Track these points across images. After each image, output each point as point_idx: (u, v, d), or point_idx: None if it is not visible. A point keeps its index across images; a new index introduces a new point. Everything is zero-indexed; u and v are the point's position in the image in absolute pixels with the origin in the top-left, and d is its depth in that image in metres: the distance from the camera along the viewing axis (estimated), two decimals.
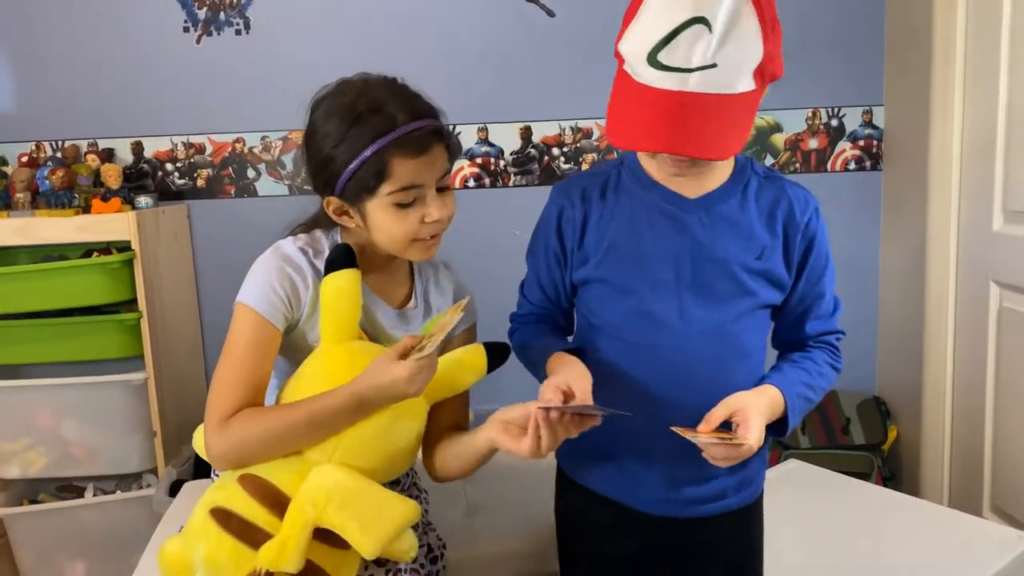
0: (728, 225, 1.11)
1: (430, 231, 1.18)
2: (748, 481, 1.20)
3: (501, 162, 2.49)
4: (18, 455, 2.22)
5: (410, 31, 2.42)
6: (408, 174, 1.14)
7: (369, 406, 1.12)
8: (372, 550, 1.06)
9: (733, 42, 0.94)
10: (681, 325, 1.11)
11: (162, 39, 2.40)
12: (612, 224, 1.15)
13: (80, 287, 2.11)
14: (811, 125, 2.50)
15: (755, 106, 1.00)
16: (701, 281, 1.11)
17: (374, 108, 1.14)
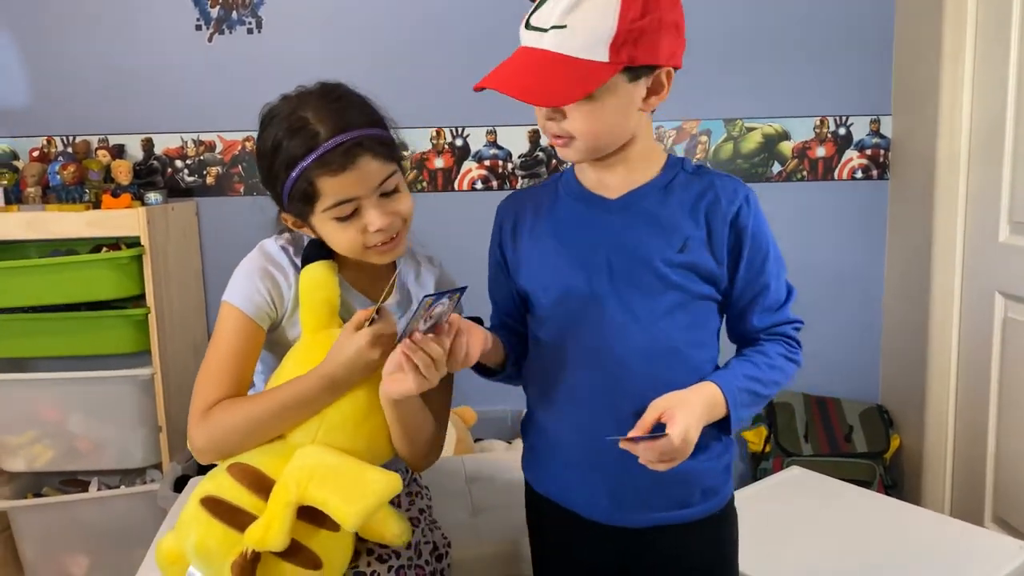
0: (647, 220, 1.12)
1: (378, 238, 1.19)
2: (712, 490, 1.17)
3: (509, 165, 2.50)
4: (24, 448, 2.23)
5: (420, 32, 2.43)
6: (336, 191, 1.15)
7: (341, 385, 1.15)
8: (354, 521, 1.06)
9: (584, 10, 0.99)
10: (610, 327, 1.11)
11: (174, 37, 2.41)
12: (542, 236, 1.18)
13: (89, 282, 2.13)
14: (819, 133, 2.50)
15: (597, 79, 1.00)
16: (625, 279, 1.11)
17: (297, 128, 1.15)
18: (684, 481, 1.14)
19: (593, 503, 1.17)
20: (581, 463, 1.16)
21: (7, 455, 2.24)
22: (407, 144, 2.45)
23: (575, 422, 1.15)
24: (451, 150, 2.49)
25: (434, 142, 2.49)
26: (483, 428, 2.47)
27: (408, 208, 1.22)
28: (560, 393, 1.16)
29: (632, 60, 1.01)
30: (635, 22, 0.99)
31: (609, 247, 1.12)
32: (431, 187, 2.50)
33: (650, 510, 1.15)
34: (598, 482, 1.15)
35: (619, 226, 1.12)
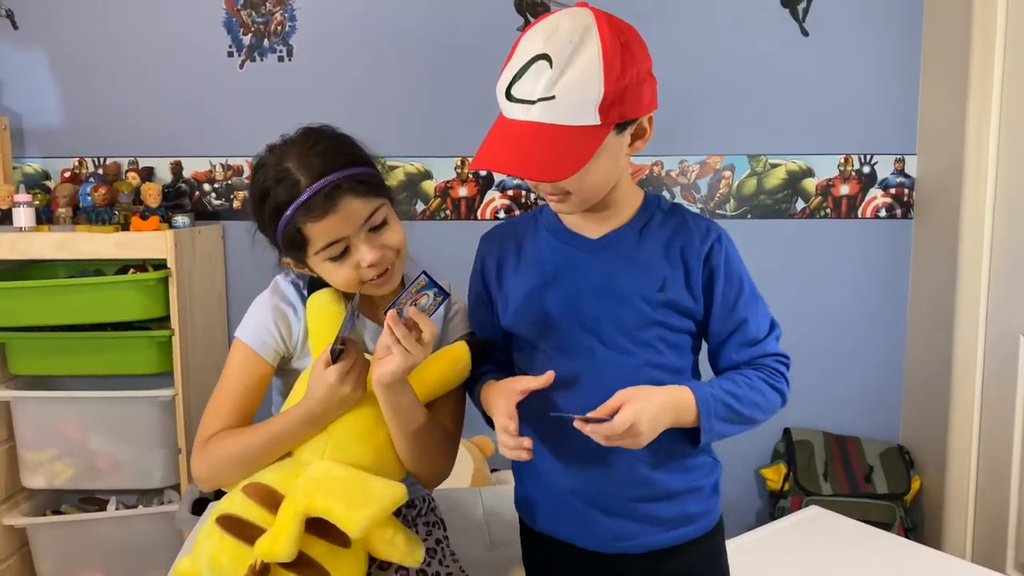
0: (626, 261, 1.14)
1: (371, 273, 1.21)
2: (697, 515, 1.19)
3: (532, 195, 2.52)
4: (44, 465, 2.25)
5: (446, 65, 2.47)
6: (323, 234, 1.18)
7: (320, 419, 1.18)
8: (358, 527, 1.08)
9: (569, 77, 1.01)
10: (593, 362, 1.14)
11: (206, 63, 2.46)
12: (523, 274, 1.20)
13: (115, 302, 2.15)
14: (843, 171, 2.50)
15: (594, 142, 1.03)
16: (607, 317, 1.14)
17: (280, 179, 1.18)
18: (672, 501, 1.16)
19: (588, 533, 1.18)
20: (573, 495, 1.18)
21: (28, 472, 2.26)
22: (432, 173, 2.50)
23: (563, 456, 1.17)
24: (475, 179, 2.51)
25: (459, 171, 2.51)
26: (500, 458, 2.45)
27: (398, 240, 1.24)
28: (546, 429, 1.17)
29: (622, 117, 1.04)
30: (618, 81, 1.02)
31: (591, 286, 1.15)
32: (454, 215, 2.52)
33: (643, 535, 1.17)
34: (590, 512, 1.17)
35: (599, 265, 1.15)
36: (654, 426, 1.06)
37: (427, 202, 2.52)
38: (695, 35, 2.40)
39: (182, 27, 2.45)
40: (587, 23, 1.03)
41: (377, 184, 1.24)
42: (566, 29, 1.02)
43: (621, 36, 1.03)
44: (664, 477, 1.16)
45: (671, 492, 1.16)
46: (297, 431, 1.19)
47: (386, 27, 2.46)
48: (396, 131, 2.48)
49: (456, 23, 2.45)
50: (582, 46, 1.01)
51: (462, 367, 1.25)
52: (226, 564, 1.09)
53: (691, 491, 1.18)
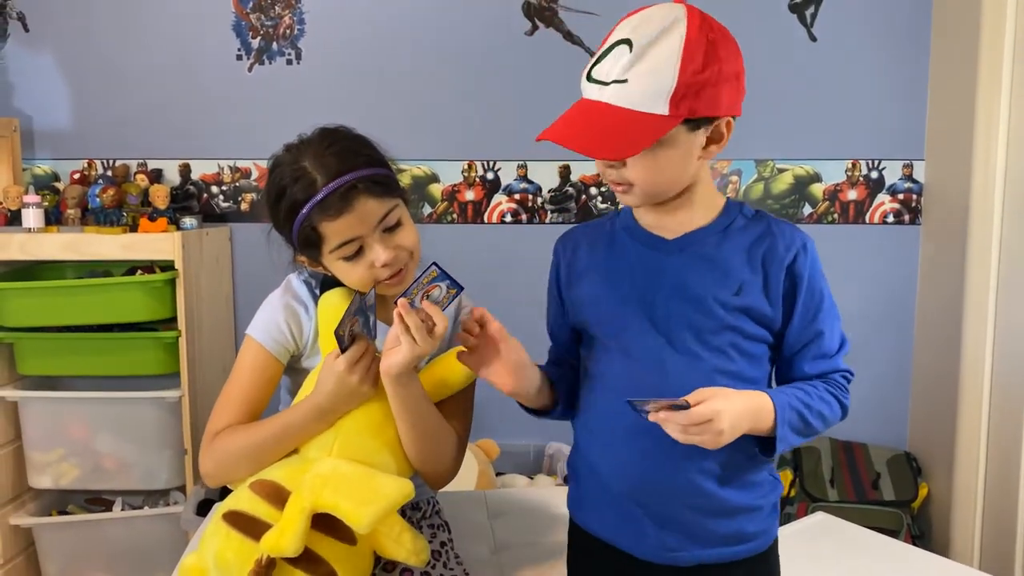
0: (703, 262, 1.12)
1: (385, 273, 1.23)
2: (758, 531, 1.16)
3: (539, 199, 2.52)
4: (51, 466, 2.26)
5: (454, 69, 2.47)
6: (338, 233, 1.19)
7: (328, 413, 1.19)
8: (365, 522, 1.08)
9: (646, 64, 1.01)
10: (663, 365, 1.12)
11: (215, 65, 2.47)
12: (599, 274, 1.18)
13: (122, 303, 2.16)
14: (850, 176, 2.50)
15: (657, 132, 1.02)
16: (679, 319, 1.11)
17: (296, 178, 1.20)
18: (730, 518, 1.13)
19: (639, 540, 1.16)
20: (629, 500, 1.15)
21: (35, 472, 2.27)
22: (439, 176, 2.50)
23: (624, 459, 1.14)
24: (482, 183, 2.52)
25: (465, 175, 2.51)
26: (505, 462, 2.46)
27: (412, 241, 1.26)
28: (610, 430, 1.15)
29: (692, 112, 1.02)
30: (696, 75, 1.01)
31: (665, 287, 1.12)
32: (461, 219, 2.52)
33: (696, 547, 1.14)
34: (644, 519, 1.15)
35: (675, 266, 1.13)
36: (734, 426, 1.03)
37: (434, 205, 2.52)
38: None
39: (191, 30, 2.46)
40: (677, 15, 1.02)
41: (392, 185, 1.25)
42: (655, 18, 1.03)
43: (710, 34, 1.02)
44: (726, 492, 1.12)
45: (730, 508, 1.12)
46: (305, 426, 1.20)
47: (394, 30, 2.46)
48: (403, 134, 2.47)
49: (464, 27, 2.46)
50: (665, 35, 1.01)
51: (469, 370, 1.24)
52: (232, 559, 1.10)
53: (750, 509, 1.15)
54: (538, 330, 1.36)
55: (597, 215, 2.50)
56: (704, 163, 1.11)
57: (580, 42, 2.43)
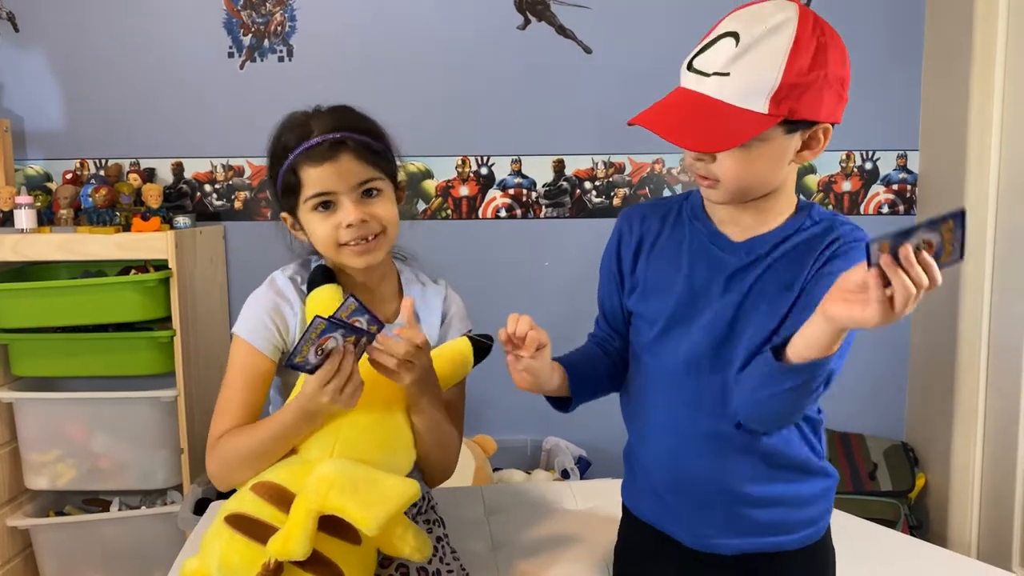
0: (766, 268, 1.11)
1: (349, 235, 1.25)
2: (811, 519, 1.18)
3: (533, 194, 2.51)
4: (48, 466, 2.25)
5: (447, 64, 2.46)
6: (317, 181, 1.25)
7: (314, 415, 1.18)
8: (373, 525, 1.08)
9: (750, 59, 0.99)
10: (712, 363, 1.12)
11: (207, 63, 2.46)
12: (659, 257, 1.18)
13: (116, 303, 2.15)
14: (845, 168, 2.50)
15: (754, 130, 0.99)
16: (733, 321, 1.11)
17: (295, 125, 1.29)
18: (771, 508, 1.15)
19: (686, 527, 1.18)
20: (673, 488, 1.17)
21: (31, 473, 2.26)
22: (433, 172, 2.49)
23: (669, 448, 1.16)
24: (476, 178, 2.51)
25: (459, 170, 2.51)
26: (502, 458, 2.46)
27: (387, 214, 1.28)
28: (653, 418, 1.18)
29: (792, 114, 1.00)
30: (800, 76, 0.99)
31: (723, 287, 1.12)
32: (456, 214, 2.52)
33: (745, 536, 1.15)
34: (689, 507, 1.16)
35: (736, 268, 1.12)
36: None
37: (428, 201, 2.51)
38: (691, 27, 2.38)
39: (183, 28, 2.45)
40: (789, 15, 1.00)
41: (383, 158, 1.29)
42: (766, 14, 1.00)
43: (820, 36, 1.01)
44: (765, 484, 1.13)
45: (770, 499, 1.14)
46: (296, 427, 1.19)
47: (386, 26, 2.45)
48: (397, 130, 2.42)
49: (456, 21, 2.45)
50: (774, 32, 0.99)
51: (464, 362, 1.27)
52: (237, 563, 1.09)
53: (794, 501, 1.16)
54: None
55: (591, 210, 2.50)
56: (794, 168, 1.09)
57: (573, 36, 2.43)
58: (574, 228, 2.51)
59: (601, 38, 2.43)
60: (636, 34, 2.41)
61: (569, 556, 1.46)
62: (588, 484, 1.91)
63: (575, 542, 1.51)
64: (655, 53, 2.39)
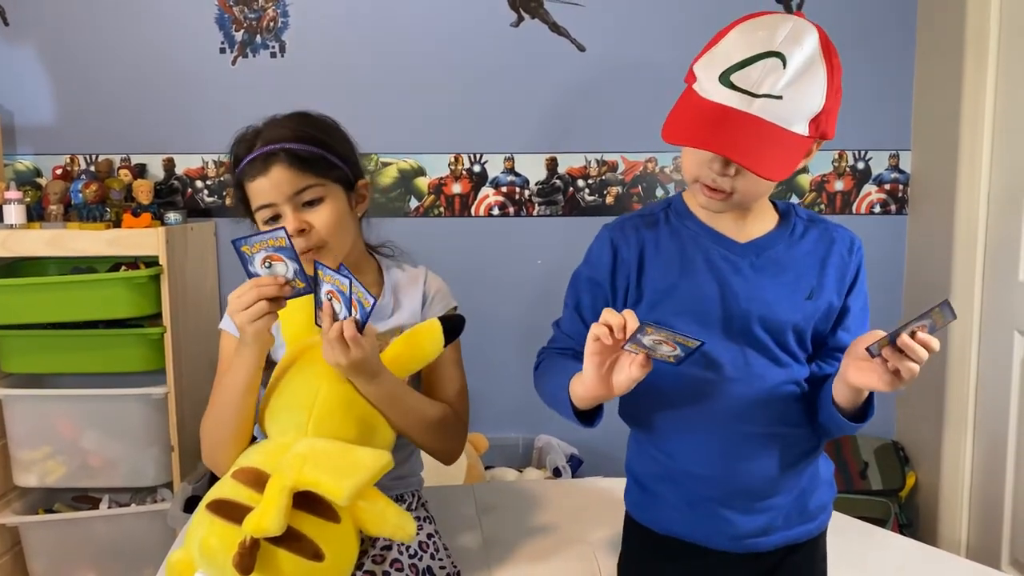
0: (778, 268, 1.15)
1: (299, 245, 1.26)
2: (811, 514, 1.20)
3: (526, 192, 2.51)
4: (38, 463, 2.24)
5: (440, 61, 2.46)
6: (257, 195, 1.29)
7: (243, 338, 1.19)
8: (345, 494, 1.09)
9: (802, 83, 1.02)
10: (729, 371, 1.14)
11: (199, 59, 2.44)
12: (663, 267, 1.18)
13: (107, 300, 2.14)
14: (837, 167, 2.50)
15: (801, 153, 1.05)
16: (751, 325, 1.14)
17: (241, 141, 1.33)
18: (803, 496, 1.19)
19: (724, 532, 1.17)
20: (711, 496, 1.17)
21: (20, 471, 2.25)
22: (425, 169, 2.49)
23: (692, 456, 1.16)
24: (469, 176, 2.51)
25: (452, 168, 2.50)
26: (494, 456, 2.46)
27: (322, 221, 1.29)
28: (686, 428, 1.17)
29: (823, 135, 1.06)
30: (832, 98, 1.05)
31: (737, 291, 1.14)
32: (448, 212, 2.51)
33: (780, 530, 1.18)
34: (732, 512, 1.17)
35: (749, 271, 1.15)
36: None
37: (421, 199, 2.51)
38: (684, 24, 2.38)
39: (174, 23, 2.44)
40: (819, 37, 1.05)
41: (318, 164, 1.30)
42: (801, 37, 1.03)
43: (834, 58, 1.06)
44: (810, 464, 1.19)
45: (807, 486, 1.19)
46: (233, 369, 1.23)
47: (379, 23, 2.44)
48: (389, 127, 2.47)
49: (449, 19, 2.45)
50: (817, 58, 1.03)
51: (434, 339, 1.27)
52: (216, 545, 1.09)
53: (819, 483, 1.21)
54: (524, 323, 1.35)
55: (584, 208, 2.50)
56: None
57: (566, 33, 2.42)
58: (567, 226, 2.51)
59: (594, 36, 2.42)
60: (629, 32, 2.41)
61: (561, 553, 1.46)
62: (580, 482, 1.91)
63: (567, 540, 1.51)
64: (648, 51, 2.40)
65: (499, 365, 2.23)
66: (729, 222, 1.16)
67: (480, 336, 1.16)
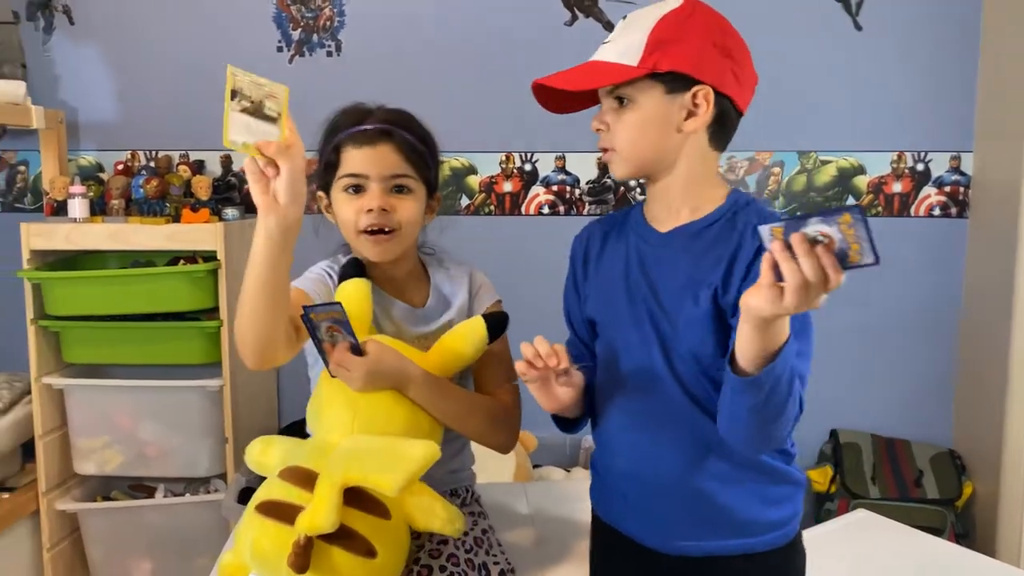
0: (684, 257, 1.13)
1: (369, 220, 1.30)
2: (775, 523, 1.15)
3: (576, 191, 2.51)
4: (96, 452, 2.29)
5: (493, 59, 2.46)
6: (352, 163, 1.32)
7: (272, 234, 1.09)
8: (394, 486, 1.09)
9: (629, 26, 1.12)
10: (648, 356, 1.14)
11: (256, 58, 2.48)
12: (602, 266, 1.23)
13: (165, 293, 2.18)
14: (895, 169, 2.45)
15: (625, 76, 1.10)
16: (658, 314, 1.13)
17: (352, 111, 1.38)
18: (746, 507, 1.13)
19: (651, 530, 1.17)
20: (636, 490, 1.17)
21: (80, 458, 2.31)
22: (476, 168, 2.49)
23: (628, 450, 1.17)
24: (520, 175, 2.51)
25: (503, 166, 2.50)
26: (542, 455, 2.46)
27: (407, 214, 1.33)
28: (613, 422, 1.20)
29: (657, 65, 1.08)
30: (664, 32, 1.09)
31: (646, 282, 1.15)
32: (499, 211, 2.52)
33: (707, 538, 1.14)
34: (653, 508, 1.16)
35: (658, 262, 1.16)
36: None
37: (472, 197, 2.52)
38: (743, 28, 2.35)
39: (233, 21, 2.48)
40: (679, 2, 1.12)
41: (420, 159, 1.35)
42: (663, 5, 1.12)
43: (698, 8, 1.11)
44: (731, 487, 1.13)
45: (734, 502, 1.13)
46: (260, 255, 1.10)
47: (433, 22, 2.46)
48: (441, 125, 2.42)
49: (504, 17, 2.45)
50: (655, 7, 1.12)
51: (478, 340, 1.29)
52: (269, 547, 1.09)
53: (766, 501, 1.15)
54: None
55: None
56: (690, 142, 1.13)
57: None
58: None
59: None
60: None
61: None
62: None
63: None
64: None
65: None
66: (662, 211, 1.18)
67: (529, 335, 1.16)
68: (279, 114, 1.08)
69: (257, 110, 1.08)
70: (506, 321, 1.33)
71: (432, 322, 1.40)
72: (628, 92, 1.11)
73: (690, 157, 1.14)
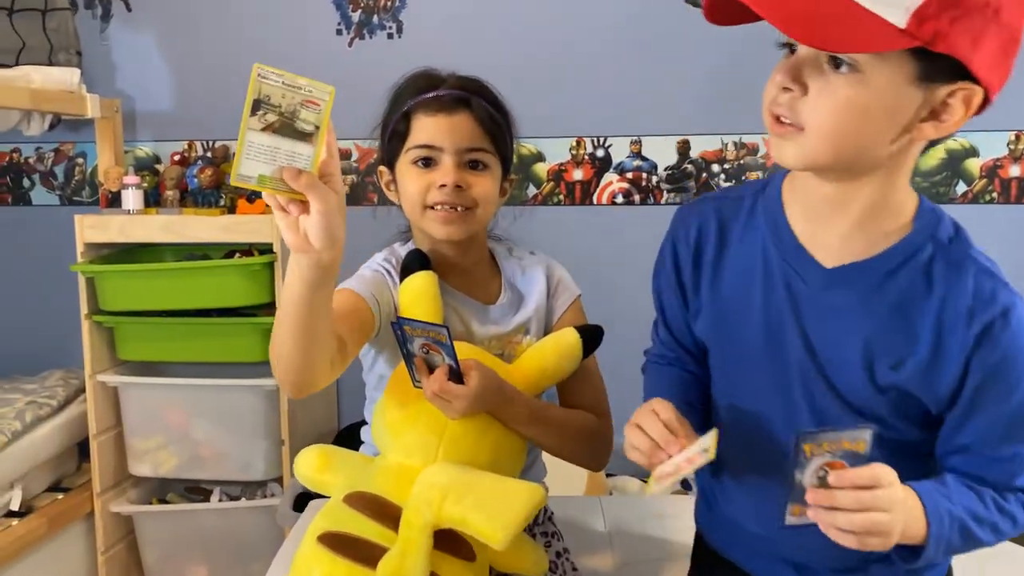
0: (860, 312, 0.87)
1: (439, 196, 1.17)
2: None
3: (654, 178, 2.33)
4: (150, 453, 2.22)
5: (562, 36, 2.30)
6: (426, 132, 1.19)
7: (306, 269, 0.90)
8: (503, 536, 0.94)
9: None
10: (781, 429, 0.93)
11: (315, 41, 2.37)
12: (723, 277, 0.97)
13: (220, 287, 2.09)
14: (1013, 150, 2.21)
15: (889, 44, 0.75)
16: (815, 379, 0.90)
17: (424, 75, 1.24)
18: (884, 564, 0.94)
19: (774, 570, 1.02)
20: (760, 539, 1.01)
21: (135, 460, 2.23)
22: (544, 155, 2.35)
23: (763, 521, 0.98)
24: (591, 161, 2.35)
25: (573, 152, 2.35)
26: (614, 462, 2.27)
27: (482, 191, 1.20)
28: (743, 492, 1.01)
29: (935, 40, 0.75)
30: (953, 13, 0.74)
31: (806, 333, 0.90)
32: (568, 200, 2.36)
33: None
34: (779, 560, 1.01)
35: (823, 309, 0.89)
36: (897, 520, 0.80)
37: (539, 186, 2.36)
38: None
39: (291, 5, 2.38)
40: None
41: (499, 132, 1.22)
42: None
43: None
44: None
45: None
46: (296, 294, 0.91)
47: (496, 2, 2.31)
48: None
49: None
50: None
51: (573, 354, 1.18)
52: None
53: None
54: (650, 320, 1.22)
55: None
56: (912, 149, 0.84)
57: (699, 4, 2.23)
58: None
59: None
60: None
61: None
62: None
63: None
64: None
65: (623, 364, 2.07)
66: (826, 232, 0.88)
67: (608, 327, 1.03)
68: (317, 128, 0.83)
69: (286, 125, 0.83)
70: (601, 335, 1.21)
71: (504, 321, 1.25)
72: (862, 56, 0.78)
73: (899, 169, 0.85)
